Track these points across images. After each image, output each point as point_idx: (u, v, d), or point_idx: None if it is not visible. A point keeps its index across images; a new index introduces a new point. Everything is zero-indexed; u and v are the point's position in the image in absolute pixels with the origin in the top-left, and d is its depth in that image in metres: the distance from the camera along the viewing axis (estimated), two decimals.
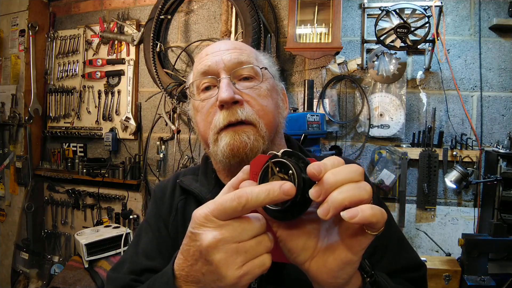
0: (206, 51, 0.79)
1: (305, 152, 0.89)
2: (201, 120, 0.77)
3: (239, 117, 0.70)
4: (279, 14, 2.24)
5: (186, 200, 0.84)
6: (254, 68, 0.76)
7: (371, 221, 0.42)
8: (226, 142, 0.70)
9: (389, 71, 2.03)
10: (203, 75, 0.76)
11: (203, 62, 0.77)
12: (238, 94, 0.72)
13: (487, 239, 1.68)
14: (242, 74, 0.75)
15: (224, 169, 0.80)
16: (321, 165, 0.44)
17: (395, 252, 0.79)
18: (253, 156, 0.71)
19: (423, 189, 1.99)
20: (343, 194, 0.42)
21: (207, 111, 0.75)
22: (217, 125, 0.72)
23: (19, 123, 2.70)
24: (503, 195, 1.72)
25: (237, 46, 0.79)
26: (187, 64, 2.42)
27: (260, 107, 0.74)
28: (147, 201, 2.49)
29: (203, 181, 0.84)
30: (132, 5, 2.57)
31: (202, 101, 0.76)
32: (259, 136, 0.72)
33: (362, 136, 2.13)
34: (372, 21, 1.98)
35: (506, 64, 1.96)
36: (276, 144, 0.80)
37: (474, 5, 1.99)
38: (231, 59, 0.75)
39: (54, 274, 2.49)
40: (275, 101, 0.79)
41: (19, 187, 2.75)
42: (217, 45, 0.79)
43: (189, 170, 0.94)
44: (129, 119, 2.50)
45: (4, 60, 2.80)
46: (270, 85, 0.78)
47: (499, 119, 1.97)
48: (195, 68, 0.80)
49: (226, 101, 0.70)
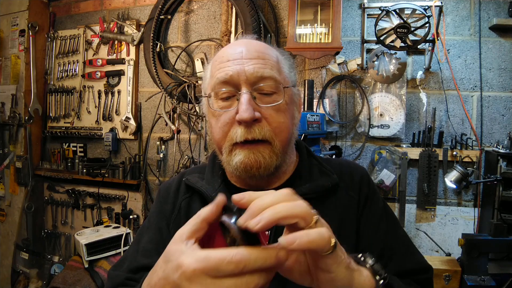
0: (228, 55, 0.76)
1: (313, 156, 0.89)
2: (217, 127, 0.76)
3: (256, 136, 0.71)
4: (279, 14, 2.24)
5: (191, 198, 0.85)
6: (277, 83, 0.75)
7: (310, 247, 0.45)
8: (240, 160, 0.72)
9: (389, 71, 2.03)
10: (223, 84, 0.74)
11: (224, 70, 0.74)
12: (257, 111, 0.72)
13: (487, 239, 1.68)
14: (263, 89, 0.74)
15: (234, 174, 0.81)
16: (245, 194, 0.47)
17: (402, 254, 0.80)
18: (266, 173, 0.74)
19: (423, 189, 1.99)
20: (272, 209, 0.45)
21: (225, 121, 0.74)
22: (233, 139, 0.72)
23: (19, 123, 2.70)
24: (503, 195, 1.72)
25: (260, 54, 0.75)
26: (187, 64, 2.42)
27: (277, 124, 0.74)
28: (147, 201, 2.49)
29: (209, 180, 0.84)
30: (132, 5, 2.57)
31: (221, 109, 0.75)
32: (273, 154, 0.73)
33: (362, 136, 2.13)
34: (372, 21, 1.98)
35: (506, 64, 1.96)
36: (288, 154, 0.81)
37: (474, 5, 1.99)
38: (253, 72, 0.73)
39: (54, 274, 2.49)
40: (291, 114, 0.79)
41: (19, 187, 2.75)
42: (239, 48, 0.76)
43: (195, 168, 0.94)
44: (129, 119, 2.50)
45: (4, 60, 2.80)
46: (289, 98, 0.77)
47: (499, 119, 1.97)
48: (215, 72, 0.77)
49: (246, 121, 0.70)
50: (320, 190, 0.79)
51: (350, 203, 0.81)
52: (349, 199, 0.81)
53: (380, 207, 0.84)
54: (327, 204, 0.79)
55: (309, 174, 0.83)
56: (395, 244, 0.80)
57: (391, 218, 0.86)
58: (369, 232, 0.79)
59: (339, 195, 0.81)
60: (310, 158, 0.87)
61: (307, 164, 0.85)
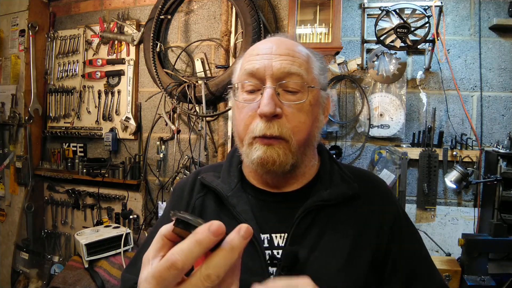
0: (258, 49, 0.78)
1: (335, 161, 0.88)
2: (240, 119, 0.78)
3: (275, 133, 0.72)
4: (279, 14, 2.24)
5: (205, 196, 0.85)
6: (303, 81, 0.75)
7: None
8: (257, 155, 0.73)
9: (389, 71, 2.03)
10: (249, 76, 0.76)
11: (252, 63, 0.76)
12: (279, 107, 0.73)
13: (487, 239, 1.68)
14: (288, 86, 0.74)
15: (252, 169, 0.82)
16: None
17: (427, 276, 0.80)
18: (282, 170, 0.74)
19: (423, 189, 1.99)
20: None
21: (247, 114, 0.76)
22: (253, 132, 0.74)
23: (19, 123, 2.70)
24: (503, 195, 1.72)
25: (290, 51, 0.76)
26: (187, 64, 2.42)
27: (296, 123, 0.74)
28: (147, 201, 2.49)
29: (225, 179, 0.84)
30: (132, 5, 2.57)
31: (244, 101, 0.76)
32: (289, 152, 0.74)
33: (362, 136, 2.13)
34: (372, 21, 1.98)
35: (506, 64, 1.96)
36: (307, 156, 0.81)
37: (474, 5, 1.99)
38: (280, 67, 0.73)
39: (54, 274, 2.49)
40: (314, 116, 0.78)
41: (19, 187, 2.75)
42: (270, 44, 0.77)
43: (210, 167, 0.95)
44: (129, 119, 2.50)
45: (4, 60, 2.79)
46: (314, 99, 0.77)
47: (499, 119, 1.97)
48: (243, 65, 0.79)
49: (266, 115, 0.71)
50: (340, 197, 0.78)
51: (371, 216, 0.79)
52: (369, 212, 0.80)
53: (407, 226, 0.83)
54: (345, 212, 0.78)
55: (330, 179, 0.82)
56: (421, 266, 0.80)
57: (416, 237, 0.85)
58: (396, 256, 0.78)
59: (358, 205, 0.80)
60: (331, 163, 0.86)
61: (328, 169, 0.85)
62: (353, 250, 0.74)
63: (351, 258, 0.73)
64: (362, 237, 0.76)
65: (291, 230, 0.74)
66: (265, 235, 0.77)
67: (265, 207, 0.80)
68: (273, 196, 0.82)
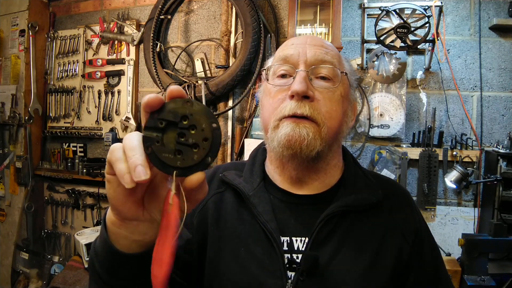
0: (292, 40, 0.80)
1: (359, 166, 0.87)
2: (268, 104, 0.77)
3: (306, 112, 0.70)
4: (279, 14, 2.24)
5: (224, 193, 0.83)
6: (334, 69, 0.74)
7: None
8: (285, 132, 0.70)
9: (389, 71, 2.03)
10: (282, 62, 0.76)
11: (286, 50, 0.77)
12: (311, 90, 0.72)
13: (487, 239, 1.68)
14: (320, 72, 0.74)
15: (276, 159, 0.80)
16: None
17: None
18: (308, 153, 0.70)
19: (423, 189, 1.99)
20: None
21: (276, 97, 0.75)
22: (282, 112, 0.72)
23: (19, 123, 2.70)
24: (503, 195, 1.72)
25: (324, 44, 0.78)
26: (187, 64, 2.42)
27: (328, 109, 0.72)
28: None
29: (247, 178, 0.82)
30: (132, 5, 2.57)
31: (275, 86, 0.76)
32: (318, 136, 0.71)
33: (362, 136, 2.13)
34: (372, 21, 1.98)
35: (506, 64, 1.96)
36: (332, 151, 0.79)
37: (474, 5, 1.99)
38: (314, 54, 0.74)
39: (54, 274, 2.49)
40: (344, 109, 0.77)
41: (19, 187, 2.75)
42: (305, 37, 0.79)
43: (231, 165, 0.93)
44: (129, 119, 2.50)
45: (4, 60, 2.80)
46: (344, 92, 0.77)
47: (499, 119, 1.97)
48: (277, 53, 0.80)
49: (298, 93, 0.70)
50: (365, 204, 0.76)
51: (394, 227, 0.77)
52: (392, 221, 0.77)
53: (428, 239, 0.82)
54: (368, 219, 0.76)
55: (354, 184, 0.79)
56: (441, 283, 0.80)
57: (436, 254, 0.84)
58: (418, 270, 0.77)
59: (381, 213, 0.77)
60: (356, 168, 0.85)
61: (353, 173, 0.82)
62: (374, 259, 0.72)
63: (372, 266, 0.72)
64: (384, 246, 0.74)
65: (312, 235, 0.72)
66: (285, 237, 0.74)
67: (287, 209, 0.78)
68: (296, 198, 0.79)
